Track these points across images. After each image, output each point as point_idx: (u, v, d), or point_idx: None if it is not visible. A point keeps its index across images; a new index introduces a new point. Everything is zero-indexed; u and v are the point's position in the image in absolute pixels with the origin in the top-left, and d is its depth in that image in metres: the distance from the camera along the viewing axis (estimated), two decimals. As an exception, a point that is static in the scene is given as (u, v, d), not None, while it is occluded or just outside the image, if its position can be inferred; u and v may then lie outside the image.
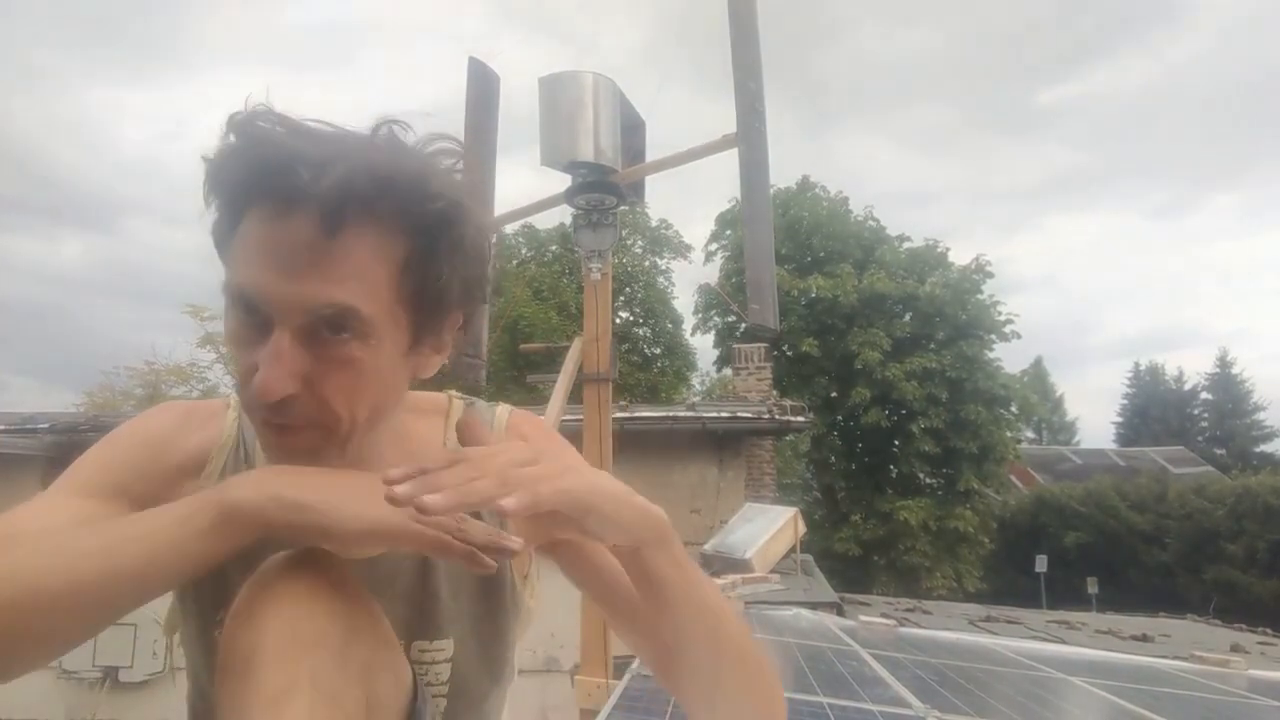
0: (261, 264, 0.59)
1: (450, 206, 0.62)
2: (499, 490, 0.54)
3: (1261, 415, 29.55)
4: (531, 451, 0.59)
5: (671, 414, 7.51)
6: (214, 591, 0.71)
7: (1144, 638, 5.34)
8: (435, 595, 0.74)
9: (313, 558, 0.60)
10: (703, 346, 18.30)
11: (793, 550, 5.65)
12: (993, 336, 15.55)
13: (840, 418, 16.02)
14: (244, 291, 0.59)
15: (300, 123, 0.60)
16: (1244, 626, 6.74)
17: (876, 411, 14.94)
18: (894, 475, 15.89)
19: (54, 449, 7.18)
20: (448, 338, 0.70)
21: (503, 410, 0.84)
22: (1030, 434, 29.18)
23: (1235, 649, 4.60)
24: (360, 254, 0.59)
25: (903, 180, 57.57)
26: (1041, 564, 15.72)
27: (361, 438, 0.65)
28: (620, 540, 0.62)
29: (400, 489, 0.52)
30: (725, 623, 0.68)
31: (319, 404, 0.60)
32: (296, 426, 0.61)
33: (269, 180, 0.58)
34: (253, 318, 0.60)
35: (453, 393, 0.84)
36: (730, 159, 2.91)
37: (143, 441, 0.72)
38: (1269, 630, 6.38)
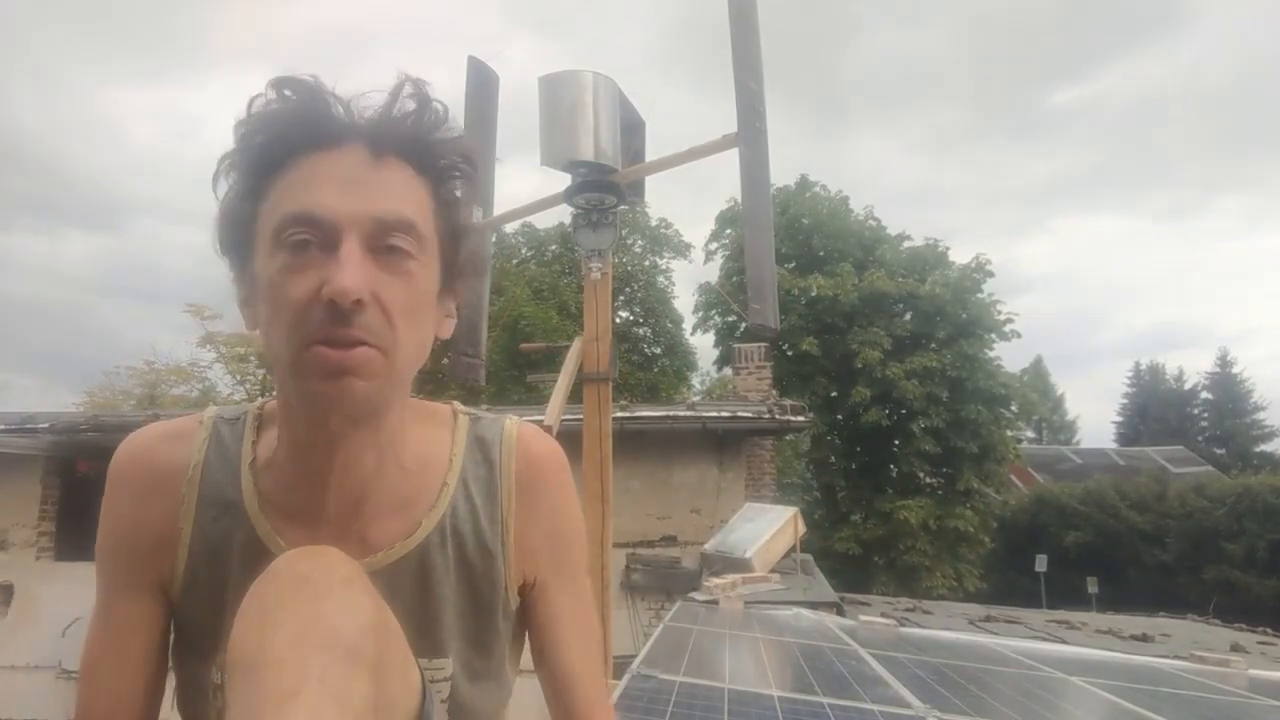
0: (324, 187, 0.63)
1: (466, 164, 0.72)
2: None
3: (1261, 415, 29.61)
4: None
5: (671, 414, 7.50)
6: (216, 592, 0.71)
7: (1144, 637, 5.34)
8: (435, 613, 0.74)
9: (322, 556, 0.59)
10: (703, 346, 18.31)
11: (793, 550, 5.64)
12: (993, 335, 15.54)
13: (840, 417, 16.01)
14: (309, 211, 0.62)
15: (329, 83, 0.66)
16: (1244, 626, 6.73)
17: (876, 411, 14.92)
18: (894, 475, 15.87)
19: (54, 449, 7.18)
20: (456, 304, 0.75)
21: (511, 425, 0.82)
22: (1030, 434, 29.18)
23: (1235, 649, 4.59)
24: (405, 181, 0.67)
25: (910, 181, 57.67)
26: (1041, 564, 15.71)
27: (400, 385, 0.68)
28: None
29: None
30: None
31: (382, 316, 0.63)
32: (360, 345, 0.62)
33: (318, 120, 0.64)
34: (318, 236, 0.62)
35: (456, 404, 0.83)
36: (730, 159, 2.91)
37: (117, 534, 0.74)
38: (1269, 630, 6.37)
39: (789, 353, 15.82)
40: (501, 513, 0.77)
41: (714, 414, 7.42)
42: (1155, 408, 31.93)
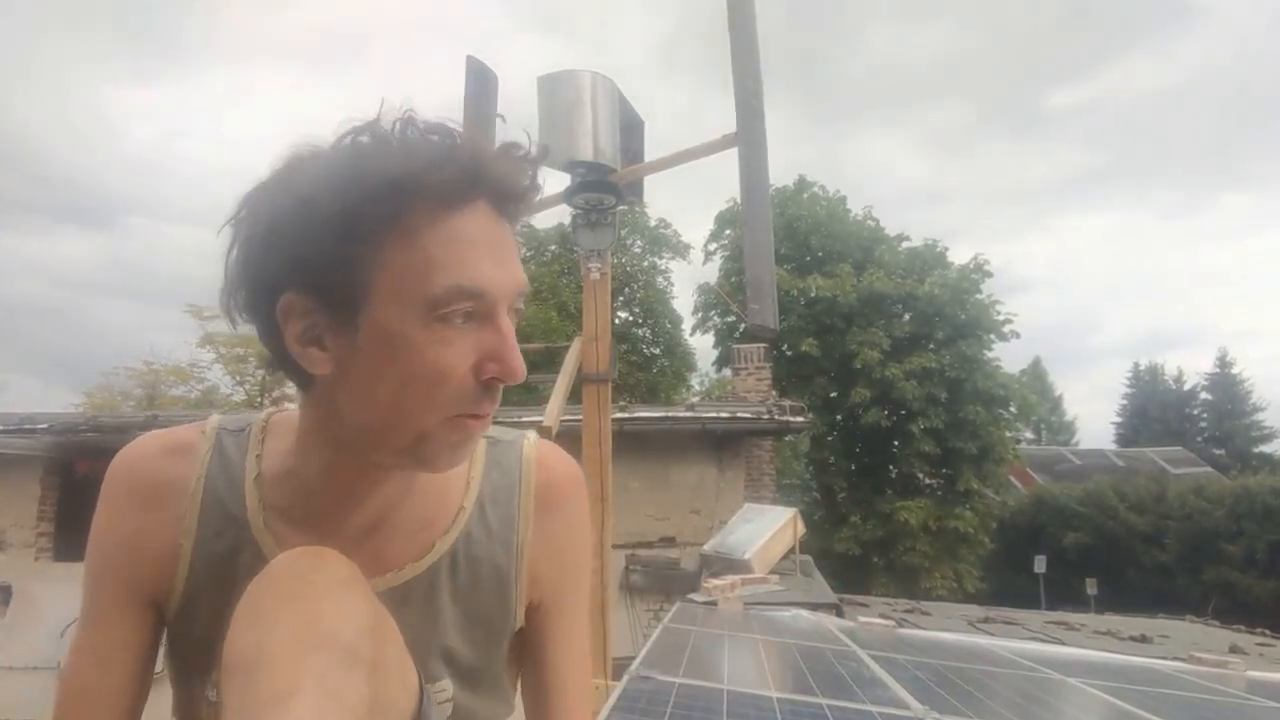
0: (479, 254, 0.60)
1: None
2: None
3: (1261, 415, 29.66)
4: None
5: (671, 414, 7.51)
6: (218, 608, 0.70)
7: (1143, 638, 5.33)
8: (440, 636, 0.73)
9: (320, 556, 0.59)
10: (702, 346, 18.34)
11: (792, 551, 5.64)
12: (992, 336, 15.56)
13: (840, 418, 16.03)
14: (478, 286, 0.60)
15: (444, 123, 0.62)
16: (1243, 627, 6.73)
17: (876, 411, 14.94)
18: (893, 475, 15.89)
19: (54, 449, 7.18)
20: None
21: (529, 445, 0.81)
22: (1029, 434, 29.20)
23: (1234, 650, 4.59)
24: (515, 242, 0.66)
25: (910, 181, 57.75)
26: (1040, 564, 15.74)
27: None
28: None
29: None
30: None
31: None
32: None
33: (458, 174, 0.60)
34: (478, 307, 0.61)
35: None
36: (730, 159, 2.91)
37: (110, 550, 0.71)
38: (1268, 631, 6.38)
39: (788, 353, 15.84)
40: (518, 538, 0.77)
41: (713, 415, 7.43)
42: (1154, 408, 31.95)
